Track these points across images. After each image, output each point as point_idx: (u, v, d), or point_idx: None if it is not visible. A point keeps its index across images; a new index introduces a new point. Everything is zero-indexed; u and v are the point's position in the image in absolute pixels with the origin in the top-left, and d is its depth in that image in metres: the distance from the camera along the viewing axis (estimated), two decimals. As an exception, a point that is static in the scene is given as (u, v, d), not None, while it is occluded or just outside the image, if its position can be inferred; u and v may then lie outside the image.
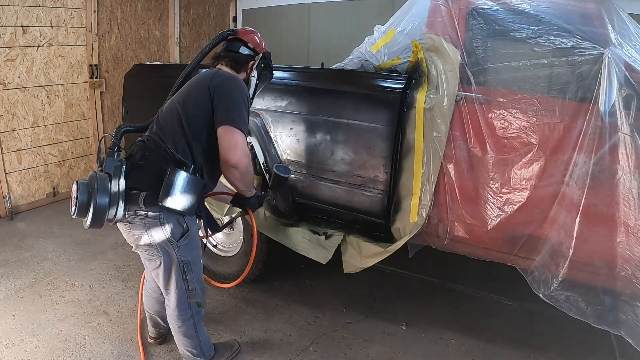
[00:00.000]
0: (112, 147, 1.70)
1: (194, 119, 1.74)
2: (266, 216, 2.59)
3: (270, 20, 5.44)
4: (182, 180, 1.65)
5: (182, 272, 1.85)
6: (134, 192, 1.67)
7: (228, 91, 1.75)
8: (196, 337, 2.04)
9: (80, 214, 1.63)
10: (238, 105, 1.74)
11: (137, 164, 1.71)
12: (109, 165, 1.64)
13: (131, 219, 1.71)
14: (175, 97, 1.86)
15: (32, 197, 4.04)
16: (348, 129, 2.36)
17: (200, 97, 1.75)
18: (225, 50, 1.95)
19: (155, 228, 1.74)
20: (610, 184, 1.86)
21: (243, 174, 1.78)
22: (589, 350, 2.37)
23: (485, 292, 2.90)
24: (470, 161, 2.14)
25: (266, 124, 2.57)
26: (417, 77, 2.25)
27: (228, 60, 1.93)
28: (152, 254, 1.84)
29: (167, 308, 2.02)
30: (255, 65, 1.97)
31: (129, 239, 1.84)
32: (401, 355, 2.33)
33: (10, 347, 2.26)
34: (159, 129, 1.80)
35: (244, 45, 1.93)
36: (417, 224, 2.24)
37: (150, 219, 1.71)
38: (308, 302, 2.76)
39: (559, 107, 1.97)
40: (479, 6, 2.13)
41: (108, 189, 1.61)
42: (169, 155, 1.73)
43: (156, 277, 1.96)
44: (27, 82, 3.81)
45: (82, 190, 1.62)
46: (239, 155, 1.70)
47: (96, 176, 1.63)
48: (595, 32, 1.94)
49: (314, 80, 2.58)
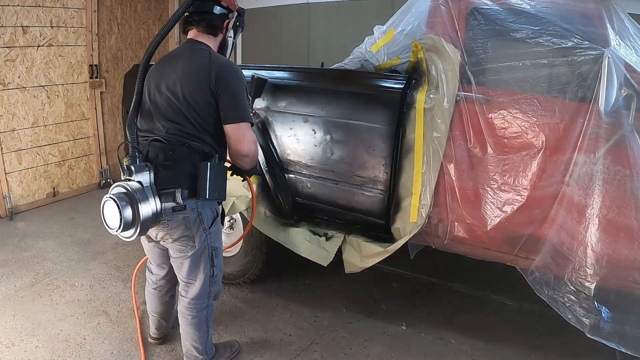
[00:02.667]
0: (133, 154, 1.67)
1: (201, 113, 1.72)
2: (266, 216, 2.59)
3: (270, 20, 5.44)
4: (214, 171, 1.70)
5: (211, 258, 1.90)
6: (168, 191, 1.67)
7: (232, 87, 1.71)
8: (206, 332, 2.04)
9: (125, 229, 1.62)
10: (241, 98, 1.74)
11: (162, 165, 1.70)
12: (138, 173, 1.63)
13: (168, 217, 1.72)
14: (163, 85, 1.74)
15: (32, 197, 4.04)
16: (348, 129, 2.36)
17: (203, 96, 1.71)
18: (198, 13, 1.78)
19: (193, 219, 1.78)
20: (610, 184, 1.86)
21: (252, 158, 1.83)
22: (589, 350, 2.37)
23: (485, 292, 2.90)
24: (470, 161, 2.14)
25: (266, 124, 2.57)
26: (417, 77, 2.25)
27: (204, 25, 1.79)
28: (187, 245, 1.83)
29: (182, 300, 1.99)
30: (231, 24, 1.87)
31: (166, 237, 1.81)
32: (401, 355, 2.33)
33: (10, 347, 2.26)
34: (169, 126, 1.74)
35: (217, 4, 1.79)
36: (417, 224, 2.25)
37: (189, 211, 1.74)
38: (308, 302, 2.76)
39: (559, 107, 1.97)
40: (479, 6, 2.13)
41: (148, 198, 1.62)
42: (195, 150, 1.74)
43: (179, 267, 1.91)
44: (27, 82, 3.81)
45: (123, 205, 1.58)
46: (248, 145, 1.76)
47: (131, 187, 1.61)
48: (595, 32, 1.94)
49: (314, 80, 2.58)
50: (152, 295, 2.20)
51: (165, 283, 2.15)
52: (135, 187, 1.61)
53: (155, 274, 2.15)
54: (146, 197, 1.62)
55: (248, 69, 2.78)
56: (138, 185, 1.62)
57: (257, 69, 2.74)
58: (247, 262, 2.72)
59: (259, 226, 2.54)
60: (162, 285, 2.16)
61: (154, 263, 2.11)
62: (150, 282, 2.18)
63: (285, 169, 2.60)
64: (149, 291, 2.21)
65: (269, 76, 2.66)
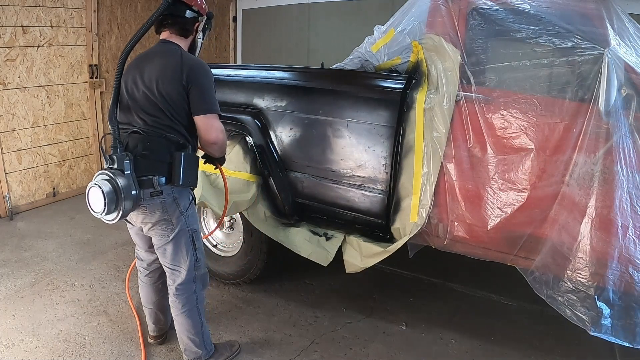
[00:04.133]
0: (114, 144, 1.81)
1: (175, 107, 1.86)
2: (266, 216, 2.59)
3: (270, 20, 5.44)
4: (187, 160, 1.87)
5: (192, 240, 2.01)
6: (146, 178, 1.82)
7: (201, 82, 1.86)
8: (199, 321, 2.08)
9: (109, 212, 1.74)
10: (210, 92, 1.89)
11: (141, 154, 1.83)
12: (120, 162, 1.76)
13: (147, 202, 1.85)
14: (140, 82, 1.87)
15: (32, 197, 4.04)
16: (348, 129, 2.36)
17: (176, 91, 1.84)
18: (171, 17, 1.94)
19: (170, 202, 1.91)
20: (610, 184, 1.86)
21: (220, 146, 1.97)
22: (589, 350, 2.37)
23: (485, 292, 2.90)
24: (470, 161, 2.14)
25: (266, 124, 2.57)
26: (417, 77, 2.25)
27: (177, 28, 1.95)
28: (166, 228, 1.95)
29: (170, 289, 2.06)
30: (200, 27, 2.02)
31: (146, 220, 1.93)
32: (401, 355, 2.33)
33: (10, 347, 2.26)
34: (146, 118, 1.87)
35: (188, 9, 1.95)
36: (417, 224, 2.25)
37: (166, 195, 1.88)
38: (308, 302, 2.76)
39: (558, 107, 1.97)
40: (479, 6, 2.13)
41: (129, 184, 1.75)
42: (171, 141, 1.88)
43: (163, 254, 2.01)
44: (27, 82, 3.81)
45: (107, 190, 1.71)
46: (215, 134, 1.91)
47: (113, 174, 1.74)
48: (595, 32, 1.93)
49: (314, 80, 2.58)
50: (144, 285, 2.24)
51: (157, 268, 2.20)
52: (117, 174, 1.75)
53: (145, 259, 2.21)
54: (127, 183, 1.75)
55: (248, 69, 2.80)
56: (119, 172, 1.76)
57: (257, 69, 2.75)
58: (247, 262, 2.72)
59: (259, 226, 2.54)
60: (153, 270, 2.21)
61: (142, 249, 2.18)
62: (142, 269, 2.23)
63: (285, 169, 2.60)
64: (141, 281, 2.26)
65: (269, 76, 2.67)
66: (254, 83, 2.67)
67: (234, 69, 3.02)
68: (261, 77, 2.69)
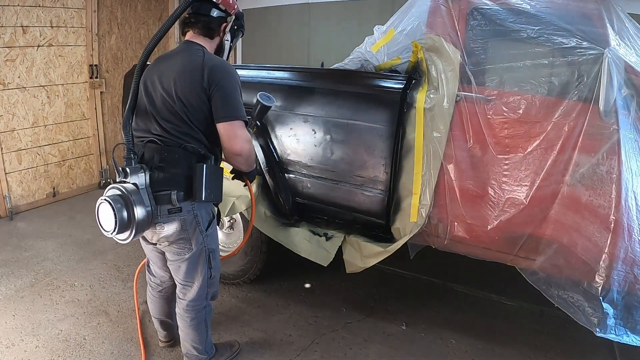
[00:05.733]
0: (128, 155, 1.66)
1: (194, 112, 1.72)
2: (266, 216, 2.59)
3: (270, 20, 5.44)
4: (210, 172, 1.70)
5: (208, 260, 1.89)
6: (163, 193, 1.67)
7: (224, 85, 1.70)
8: (205, 332, 2.04)
9: (120, 231, 1.60)
10: (235, 97, 1.73)
11: (157, 167, 1.69)
12: (134, 175, 1.62)
13: (164, 220, 1.71)
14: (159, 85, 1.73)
15: (32, 197, 4.04)
16: (348, 129, 2.36)
17: (196, 95, 1.70)
18: (195, 15, 1.78)
19: (190, 221, 1.77)
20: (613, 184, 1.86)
21: (246, 158, 1.82)
22: (589, 350, 2.37)
23: (486, 292, 2.90)
24: (470, 161, 2.14)
25: (266, 124, 2.57)
26: (417, 77, 2.25)
27: (200, 27, 1.78)
28: (183, 247, 1.82)
29: (180, 302, 1.98)
30: (228, 27, 1.85)
31: (162, 239, 1.80)
32: (401, 355, 2.33)
33: (10, 347, 2.26)
34: (166, 126, 1.73)
35: (215, 7, 1.78)
36: (417, 224, 2.25)
37: (185, 213, 1.74)
38: (308, 302, 2.76)
39: (558, 107, 1.97)
40: (479, 6, 2.13)
41: (143, 200, 1.61)
42: (190, 152, 1.73)
43: (176, 269, 1.90)
44: (27, 82, 3.81)
45: (118, 207, 1.57)
46: (240, 144, 1.74)
47: (126, 189, 1.60)
48: (595, 32, 1.93)
49: (314, 80, 2.58)
50: (156, 299, 2.15)
51: (171, 285, 2.09)
52: (131, 189, 1.60)
53: (158, 276, 2.10)
54: (141, 199, 1.60)
55: (248, 69, 2.79)
56: (133, 187, 1.61)
57: (257, 69, 2.75)
58: (247, 262, 2.72)
59: (259, 226, 2.54)
60: (166, 287, 2.12)
61: (156, 265, 2.07)
62: (154, 285, 2.13)
63: (285, 169, 2.60)
64: (152, 296, 2.16)
65: (269, 76, 2.67)
66: (254, 83, 2.67)
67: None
68: (261, 77, 2.68)
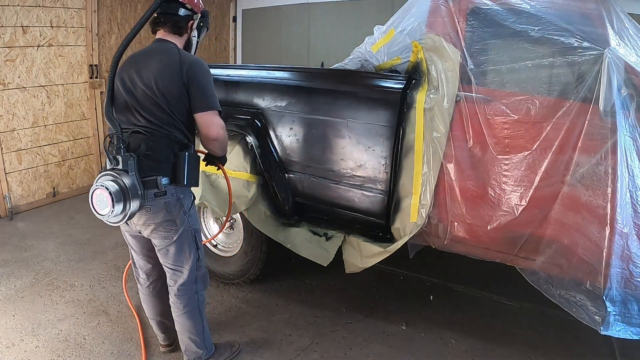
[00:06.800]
0: (118, 144, 1.78)
1: (175, 104, 1.86)
2: (266, 216, 2.59)
3: (270, 20, 5.44)
4: (191, 160, 1.87)
5: (194, 240, 2.01)
6: (150, 179, 1.80)
7: (201, 79, 1.86)
8: (200, 321, 2.07)
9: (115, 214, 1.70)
10: (210, 90, 1.90)
11: (144, 154, 1.82)
12: (125, 162, 1.75)
13: (150, 203, 1.83)
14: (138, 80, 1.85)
15: (32, 197, 4.04)
16: (348, 129, 2.36)
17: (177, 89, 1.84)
18: (164, 15, 1.93)
19: (174, 203, 1.90)
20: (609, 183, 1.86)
21: (221, 142, 1.97)
22: (589, 350, 2.37)
23: (485, 292, 2.90)
24: (470, 161, 2.14)
25: (266, 124, 2.57)
26: (417, 77, 2.25)
27: (170, 26, 1.94)
28: (170, 229, 1.93)
29: (171, 290, 2.03)
30: (195, 25, 2.00)
31: (149, 222, 1.90)
32: (401, 355, 2.33)
33: (10, 347, 2.26)
34: (149, 117, 1.86)
35: (182, 7, 1.93)
36: (417, 224, 2.25)
37: (169, 196, 1.87)
38: (308, 302, 2.76)
39: (558, 107, 1.97)
40: (479, 6, 2.13)
41: (135, 185, 1.73)
42: (173, 140, 1.88)
43: (165, 254, 1.98)
44: (27, 82, 3.81)
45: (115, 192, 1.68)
46: (216, 130, 1.90)
47: (119, 175, 1.72)
48: (595, 32, 1.93)
49: (314, 80, 2.58)
50: (147, 297, 2.17)
51: (158, 277, 2.13)
52: (123, 174, 1.74)
53: (143, 267, 2.13)
54: (133, 184, 1.73)
55: (248, 69, 2.80)
56: (124, 173, 1.74)
57: (257, 69, 2.75)
58: (247, 262, 2.72)
59: (259, 226, 2.54)
60: (154, 280, 2.14)
61: (140, 253, 2.11)
62: (142, 281, 2.16)
63: (285, 169, 2.60)
64: (143, 294, 2.18)
65: (269, 76, 2.67)
66: (254, 83, 2.67)
67: (234, 69, 3.02)
68: (261, 77, 2.69)
